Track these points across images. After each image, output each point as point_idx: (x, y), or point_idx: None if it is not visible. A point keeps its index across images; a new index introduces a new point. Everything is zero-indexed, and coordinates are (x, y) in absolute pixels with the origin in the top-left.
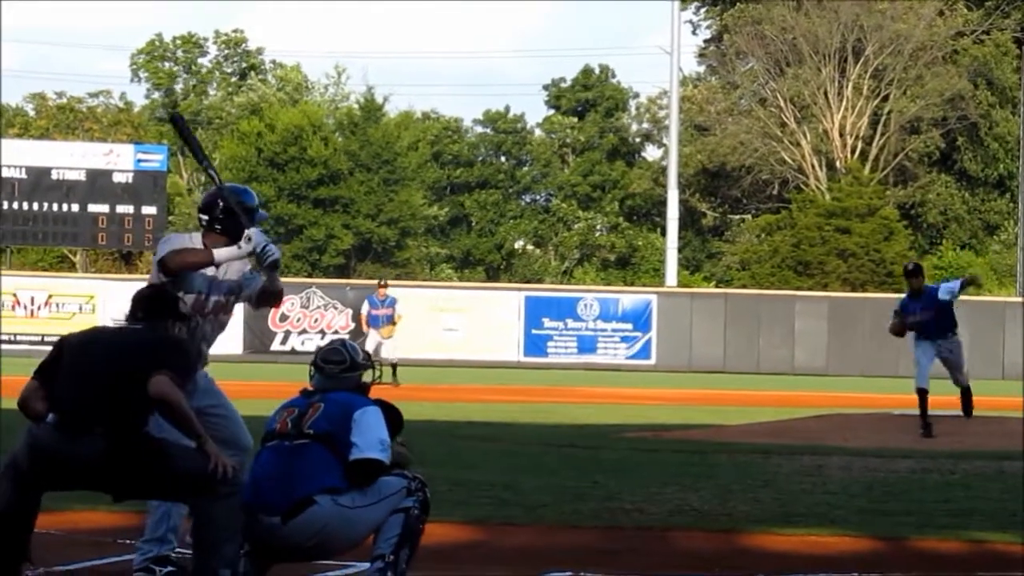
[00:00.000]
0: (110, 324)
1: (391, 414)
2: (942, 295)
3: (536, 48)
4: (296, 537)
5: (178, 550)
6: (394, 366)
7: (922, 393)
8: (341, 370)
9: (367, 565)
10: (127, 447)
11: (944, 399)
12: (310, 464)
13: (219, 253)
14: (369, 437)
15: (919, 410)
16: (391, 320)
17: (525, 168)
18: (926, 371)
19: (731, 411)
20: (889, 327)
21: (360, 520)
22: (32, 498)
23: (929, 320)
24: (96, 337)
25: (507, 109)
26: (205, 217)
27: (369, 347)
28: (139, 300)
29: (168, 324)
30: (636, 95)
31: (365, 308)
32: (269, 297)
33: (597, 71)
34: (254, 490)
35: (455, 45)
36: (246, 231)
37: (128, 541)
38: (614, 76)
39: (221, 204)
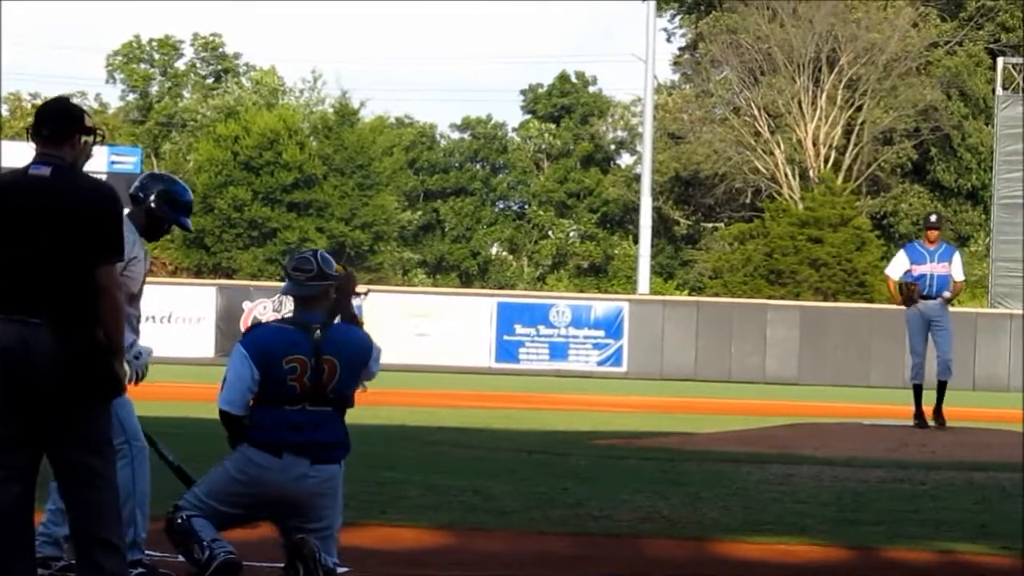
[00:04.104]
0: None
1: None
2: (954, 272)
3: (508, 55)
4: (313, 483)
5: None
6: None
7: (917, 388)
8: (307, 278)
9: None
10: (80, 333)
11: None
12: (334, 433)
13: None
14: (375, 369)
15: (914, 403)
16: (359, 311)
17: (500, 176)
18: (921, 368)
19: (702, 419)
20: (901, 295)
21: (336, 508)
22: (22, 488)
23: (941, 276)
24: (17, 188)
25: (489, 116)
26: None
27: None
28: (45, 115)
29: (77, 140)
30: (613, 101)
31: None
32: None
33: (574, 77)
34: (283, 435)
35: (429, 51)
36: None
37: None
38: (595, 83)
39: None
